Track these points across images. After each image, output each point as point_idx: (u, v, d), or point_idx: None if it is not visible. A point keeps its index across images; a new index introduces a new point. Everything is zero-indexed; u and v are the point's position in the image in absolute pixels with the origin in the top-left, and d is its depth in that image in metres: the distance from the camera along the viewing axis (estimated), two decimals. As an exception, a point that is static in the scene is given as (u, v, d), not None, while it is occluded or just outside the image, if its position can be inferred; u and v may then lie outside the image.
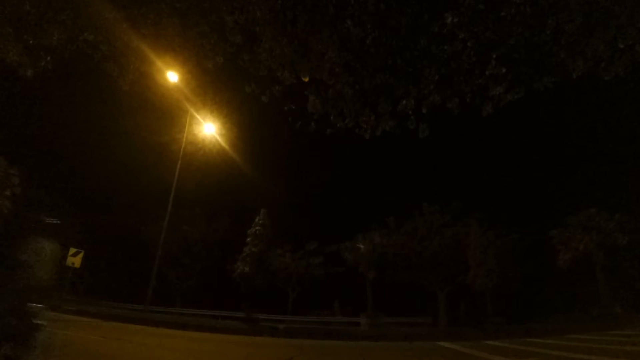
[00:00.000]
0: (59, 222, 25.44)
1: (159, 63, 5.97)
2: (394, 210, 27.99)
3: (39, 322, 5.00)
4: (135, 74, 5.92)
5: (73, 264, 16.62)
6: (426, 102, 5.16)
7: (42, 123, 26.36)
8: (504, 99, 5.02)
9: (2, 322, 4.32)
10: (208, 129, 18.44)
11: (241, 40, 5.15)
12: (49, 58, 6.02)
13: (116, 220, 30.22)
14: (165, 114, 18.23)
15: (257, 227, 29.04)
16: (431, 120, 5.33)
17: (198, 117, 17.49)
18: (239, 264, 27.89)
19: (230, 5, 4.89)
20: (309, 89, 5.36)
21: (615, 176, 25.26)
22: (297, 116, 5.73)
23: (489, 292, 24.78)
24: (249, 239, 28.75)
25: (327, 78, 5.15)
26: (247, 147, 25.46)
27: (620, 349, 8.28)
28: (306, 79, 5.20)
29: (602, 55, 4.62)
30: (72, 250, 16.66)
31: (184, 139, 17.49)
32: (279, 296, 28.47)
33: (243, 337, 10.81)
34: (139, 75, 5.99)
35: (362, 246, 26.96)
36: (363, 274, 26.59)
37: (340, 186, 37.91)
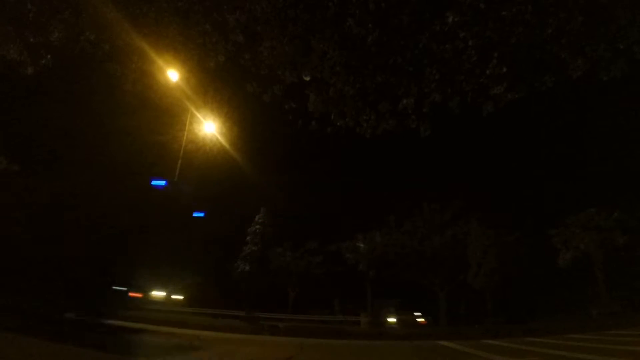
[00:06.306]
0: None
1: (160, 62, 5.97)
2: (394, 210, 28.05)
3: None
4: (137, 73, 5.93)
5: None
6: (427, 101, 5.16)
7: (42, 122, 26.33)
8: (504, 99, 5.01)
9: None
10: (209, 127, 18.40)
11: (242, 39, 5.16)
12: (49, 56, 6.03)
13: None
14: (165, 113, 18.14)
15: (257, 226, 29.05)
16: (432, 120, 5.34)
17: (199, 115, 17.46)
18: (239, 262, 27.91)
19: (232, 4, 4.90)
20: (309, 88, 5.36)
21: (614, 176, 25.26)
22: (298, 115, 5.74)
23: (489, 292, 24.80)
24: (249, 238, 28.76)
25: (328, 77, 5.16)
26: (248, 146, 25.36)
27: (620, 349, 8.29)
28: (307, 78, 5.21)
29: (602, 55, 4.63)
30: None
31: (185, 138, 17.48)
32: (279, 295, 28.51)
33: (243, 335, 10.83)
34: (141, 74, 6.00)
35: (362, 245, 26.98)
36: (363, 273, 26.62)
37: (340, 185, 37.95)
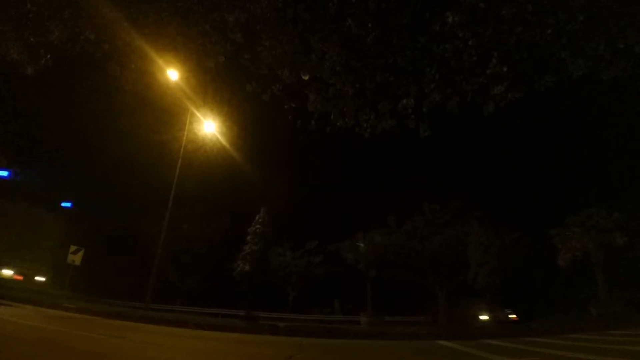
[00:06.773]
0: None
1: (159, 62, 5.97)
2: (394, 209, 28.05)
3: None
4: (136, 73, 5.93)
5: (73, 261, 16.68)
6: (427, 101, 5.16)
7: (42, 121, 26.36)
8: (504, 98, 5.02)
9: None
10: (208, 127, 18.40)
11: (242, 38, 5.16)
12: (49, 56, 6.03)
13: (117, 219, 30.30)
14: (165, 113, 18.20)
15: (257, 226, 29.02)
16: (432, 119, 5.34)
17: (199, 115, 17.46)
18: (239, 262, 27.88)
19: (232, 3, 4.90)
20: (309, 88, 5.37)
21: (614, 176, 25.29)
22: (298, 115, 5.75)
23: (489, 292, 24.80)
24: (249, 238, 28.74)
25: (328, 77, 5.17)
26: (248, 146, 25.42)
27: (620, 349, 8.28)
28: (306, 78, 5.21)
29: (603, 55, 4.63)
30: (73, 248, 16.72)
31: (185, 138, 17.48)
32: (279, 295, 28.52)
33: (243, 335, 10.82)
34: (141, 74, 6.00)
35: (362, 245, 26.97)
36: (363, 273, 26.61)
37: (340, 185, 37.97)
